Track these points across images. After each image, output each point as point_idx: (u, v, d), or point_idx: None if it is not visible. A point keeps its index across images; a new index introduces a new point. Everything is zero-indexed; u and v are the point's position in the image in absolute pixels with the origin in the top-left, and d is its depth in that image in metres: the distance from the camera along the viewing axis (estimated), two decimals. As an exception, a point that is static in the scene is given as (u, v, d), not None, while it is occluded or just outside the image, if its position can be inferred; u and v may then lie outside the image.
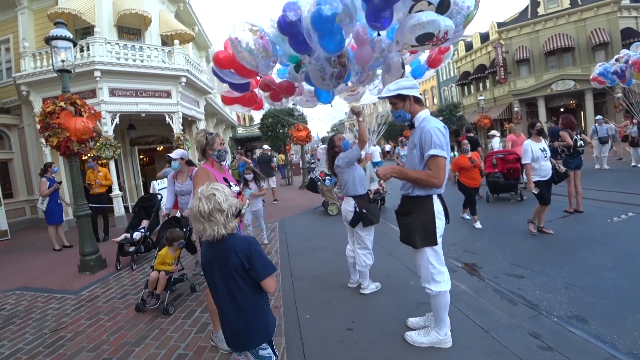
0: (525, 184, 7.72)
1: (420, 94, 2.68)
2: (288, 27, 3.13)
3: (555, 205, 5.93)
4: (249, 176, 5.86)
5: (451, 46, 4.03)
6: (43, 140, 5.55)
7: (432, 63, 4.43)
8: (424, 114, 2.60)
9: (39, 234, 9.51)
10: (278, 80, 4.40)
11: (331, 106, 4.83)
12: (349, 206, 3.69)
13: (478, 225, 6.00)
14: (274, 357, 1.88)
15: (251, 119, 36.80)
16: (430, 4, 2.69)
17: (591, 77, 10.72)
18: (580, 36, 21.36)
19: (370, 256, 3.69)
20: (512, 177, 7.63)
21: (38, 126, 5.35)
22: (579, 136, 6.23)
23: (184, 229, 4.47)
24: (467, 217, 6.45)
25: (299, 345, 2.86)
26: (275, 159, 16.19)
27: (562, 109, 22.65)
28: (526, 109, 24.29)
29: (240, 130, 27.19)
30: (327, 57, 3.33)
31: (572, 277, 3.68)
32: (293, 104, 15.52)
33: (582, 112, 21.88)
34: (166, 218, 4.70)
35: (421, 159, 2.52)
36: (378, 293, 3.74)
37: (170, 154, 4.77)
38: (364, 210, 3.57)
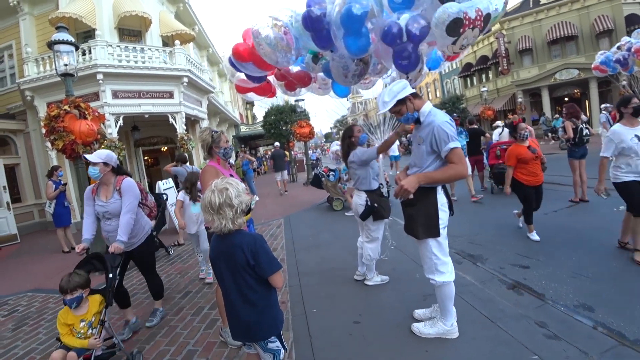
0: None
1: (420, 87, 2.66)
2: (312, 23, 3.07)
3: (561, 195, 5.90)
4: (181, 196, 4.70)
5: None
6: (49, 144, 5.61)
7: (450, 56, 4.42)
8: (427, 108, 2.59)
9: (47, 236, 9.63)
10: (294, 69, 4.34)
11: (347, 100, 4.78)
12: (360, 200, 3.70)
13: (535, 236, 4.64)
14: (283, 351, 1.90)
15: (254, 117, 36.87)
16: None
17: (593, 66, 10.61)
18: (584, 24, 21.10)
19: (376, 250, 3.72)
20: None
21: (43, 130, 5.42)
22: (584, 125, 6.18)
23: (110, 274, 2.82)
24: (522, 224, 5.10)
25: (307, 339, 2.89)
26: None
27: (566, 99, 22.42)
28: (530, 99, 24.10)
29: (243, 129, 27.28)
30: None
31: (579, 266, 3.68)
32: (288, 103, 15.58)
33: (586, 101, 21.65)
34: (83, 254, 2.99)
35: (430, 153, 2.52)
36: (384, 286, 3.76)
37: (87, 155, 3.12)
38: (376, 205, 3.61)
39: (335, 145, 10.79)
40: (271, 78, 4.38)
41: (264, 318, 1.80)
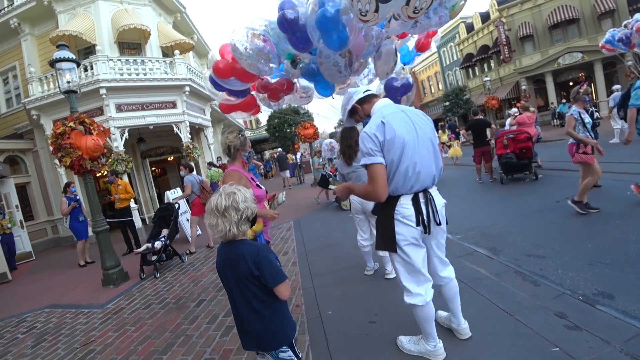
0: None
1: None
2: (289, 24, 3.10)
3: (570, 182, 5.81)
4: None
5: (439, 30, 3.96)
6: (57, 161, 5.69)
7: (421, 47, 4.39)
8: (374, 108, 2.32)
9: (61, 252, 9.77)
10: (272, 80, 4.37)
11: (333, 98, 4.77)
12: None
13: None
14: (296, 359, 1.89)
15: (257, 121, 36.99)
16: None
17: (600, 44, 10.46)
18: (585, 6, 20.77)
19: None
20: (525, 157, 7.49)
21: (51, 148, 5.49)
22: (593, 108, 6.09)
23: None
24: None
25: (324, 342, 2.87)
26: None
27: (570, 83, 22.12)
28: (534, 86, 23.82)
29: (248, 134, 27.39)
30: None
31: (595, 253, 3.60)
32: (290, 106, 15.79)
33: (592, 84, 21.33)
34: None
35: None
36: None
37: None
38: None
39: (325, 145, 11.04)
40: (254, 93, 4.41)
41: (273, 328, 1.78)
